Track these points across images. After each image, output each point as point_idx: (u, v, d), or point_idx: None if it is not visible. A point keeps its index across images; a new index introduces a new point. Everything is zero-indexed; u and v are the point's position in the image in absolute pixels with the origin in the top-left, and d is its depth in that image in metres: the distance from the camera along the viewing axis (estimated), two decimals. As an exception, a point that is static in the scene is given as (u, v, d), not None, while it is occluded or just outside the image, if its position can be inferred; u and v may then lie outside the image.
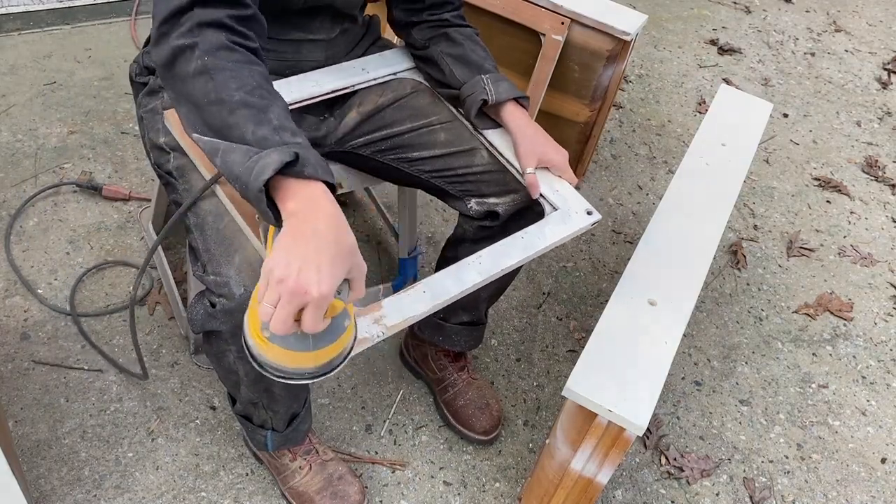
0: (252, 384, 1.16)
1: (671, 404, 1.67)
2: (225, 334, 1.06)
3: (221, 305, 1.02)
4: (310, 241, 0.77)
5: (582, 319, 1.82)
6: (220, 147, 0.84)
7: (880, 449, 1.66)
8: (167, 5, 0.86)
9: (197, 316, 1.07)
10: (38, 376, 1.49)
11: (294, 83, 1.22)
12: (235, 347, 1.08)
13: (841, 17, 3.43)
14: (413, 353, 1.60)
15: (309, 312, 0.75)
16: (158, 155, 1.17)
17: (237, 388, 1.19)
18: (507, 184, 1.21)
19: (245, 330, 0.82)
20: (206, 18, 0.86)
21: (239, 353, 1.09)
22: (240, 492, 1.38)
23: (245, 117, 0.83)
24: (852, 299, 2.01)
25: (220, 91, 0.83)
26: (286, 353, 0.79)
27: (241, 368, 1.12)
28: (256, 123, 0.83)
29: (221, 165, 0.84)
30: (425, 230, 1.98)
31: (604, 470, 1.13)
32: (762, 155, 2.48)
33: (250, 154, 0.81)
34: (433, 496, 1.43)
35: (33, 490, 1.32)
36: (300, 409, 1.28)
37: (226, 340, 1.08)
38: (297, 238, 0.78)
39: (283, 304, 0.75)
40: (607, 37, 1.82)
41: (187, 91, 0.86)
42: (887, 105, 2.86)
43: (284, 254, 0.77)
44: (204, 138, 0.86)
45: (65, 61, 2.26)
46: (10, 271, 1.66)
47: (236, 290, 1.00)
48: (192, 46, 0.85)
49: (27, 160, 1.92)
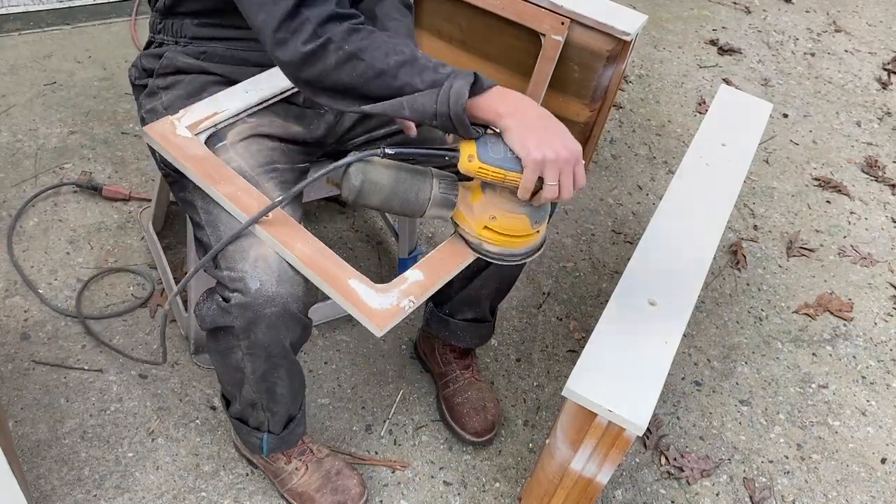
0: (257, 382, 1.14)
1: (671, 404, 1.67)
2: (237, 330, 1.05)
3: (236, 300, 1.01)
4: (541, 124, 0.94)
5: (582, 319, 1.82)
6: (402, 103, 0.95)
7: (880, 449, 1.66)
8: (273, 13, 0.95)
9: (207, 312, 1.07)
10: (38, 376, 1.49)
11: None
12: (246, 343, 1.07)
13: (841, 18, 3.43)
14: (423, 346, 1.61)
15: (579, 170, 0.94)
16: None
17: (239, 387, 1.18)
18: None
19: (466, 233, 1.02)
20: (322, 16, 0.95)
21: (249, 350, 1.08)
22: (240, 492, 1.38)
23: (407, 74, 0.95)
24: (852, 299, 2.01)
25: (376, 65, 0.95)
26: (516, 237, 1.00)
27: (248, 365, 1.11)
28: (419, 73, 0.95)
29: (412, 114, 0.95)
30: (425, 230, 1.98)
31: (604, 470, 1.13)
32: (762, 155, 2.48)
33: (434, 94, 0.93)
34: (433, 496, 1.43)
35: (33, 490, 1.32)
36: (297, 411, 1.28)
37: (236, 336, 1.06)
38: (530, 127, 0.93)
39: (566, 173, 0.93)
40: (607, 37, 1.82)
41: (335, 80, 0.96)
42: (887, 105, 2.86)
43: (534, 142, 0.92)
44: (378, 105, 0.96)
45: (65, 61, 2.26)
46: (10, 271, 1.66)
47: (252, 284, 1.00)
48: (324, 45, 0.95)
49: (27, 160, 1.92)
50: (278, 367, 1.13)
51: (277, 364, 1.12)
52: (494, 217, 0.99)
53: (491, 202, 1.00)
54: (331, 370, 1.60)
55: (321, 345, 1.64)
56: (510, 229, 1.00)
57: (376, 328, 0.95)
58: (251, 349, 1.08)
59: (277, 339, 1.07)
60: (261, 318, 1.02)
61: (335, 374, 1.60)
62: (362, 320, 0.96)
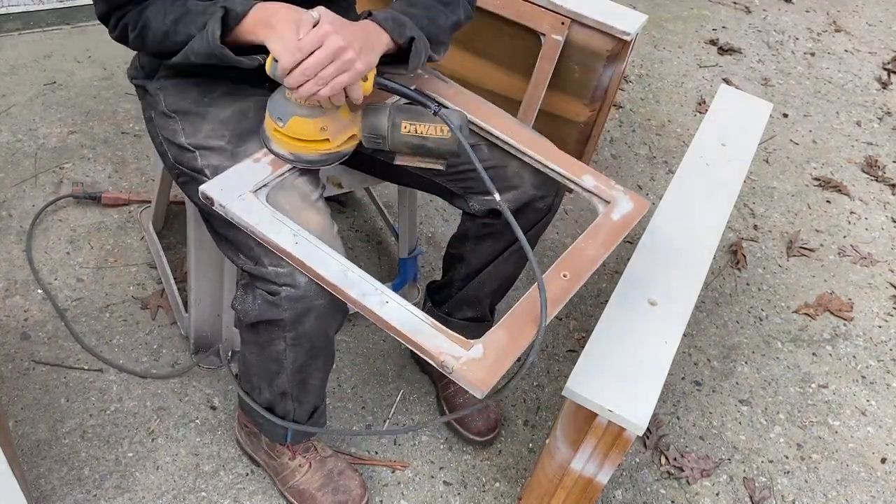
0: (294, 373, 1.17)
1: (671, 404, 1.67)
2: (285, 322, 1.08)
3: (287, 293, 1.04)
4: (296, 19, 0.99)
5: (582, 319, 1.82)
6: (188, 53, 1.05)
7: (880, 449, 1.66)
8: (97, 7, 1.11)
9: (252, 307, 1.09)
10: (38, 376, 1.49)
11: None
12: (292, 334, 1.10)
13: (841, 17, 3.43)
14: None
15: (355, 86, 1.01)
16: (182, 154, 1.16)
17: (272, 378, 1.19)
18: (509, 180, 1.21)
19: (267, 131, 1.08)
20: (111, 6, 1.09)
21: (294, 341, 1.11)
22: (240, 492, 1.38)
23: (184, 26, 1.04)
24: (852, 299, 2.01)
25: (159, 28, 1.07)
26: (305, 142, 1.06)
27: (290, 356, 1.14)
28: (193, 22, 1.04)
29: (198, 60, 1.05)
30: (425, 230, 1.98)
31: (604, 470, 1.13)
32: (762, 155, 2.48)
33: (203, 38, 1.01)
34: (433, 496, 1.43)
35: (33, 490, 1.32)
36: (321, 402, 1.29)
37: (283, 328, 1.09)
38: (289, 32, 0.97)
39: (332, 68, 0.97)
40: (607, 37, 1.82)
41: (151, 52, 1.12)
42: (887, 105, 2.86)
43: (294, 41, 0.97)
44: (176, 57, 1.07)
45: (65, 61, 2.26)
46: (10, 271, 1.66)
47: (300, 279, 1.03)
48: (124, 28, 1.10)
49: (27, 160, 1.92)
50: (317, 357, 1.17)
51: (317, 354, 1.16)
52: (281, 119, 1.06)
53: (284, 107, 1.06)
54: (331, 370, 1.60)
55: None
56: (298, 133, 1.06)
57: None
58: (296, 340, 1.11)
59: (324, 330, 1.11)
60: (312, 310, 1.06)
61: (335, 374, 1.60)
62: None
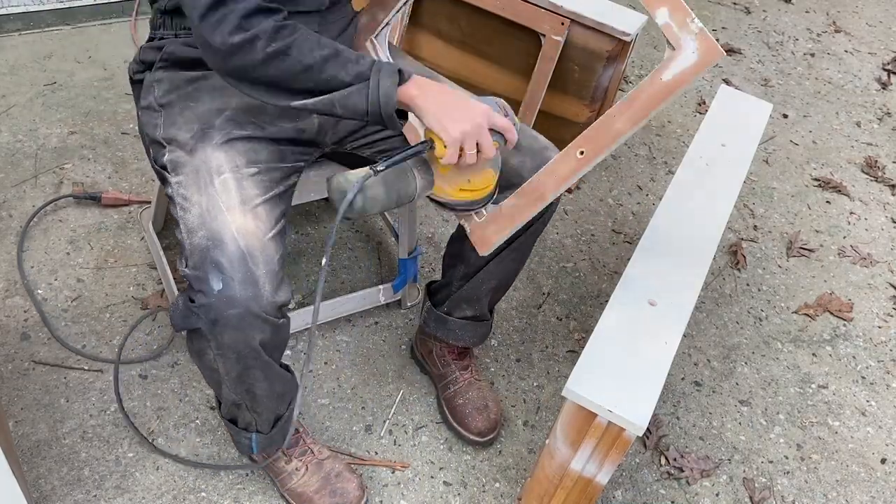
0: (234, 382, 1.13)
1: (671, 404, 1.67)
2: (203, 331, 1.04)
3: (200, 301, 1.01)
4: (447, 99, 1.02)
5: (582, 319, 1.82)
6: (333, 101, 1.01)
7: (880, 449, 1.66)
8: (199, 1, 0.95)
9: (175, 313, 1.06)
10: (38, 376, 1.49)
11: None
12: (214, 344, 1.05)
13: (841, 18, 3.43)
14: (420, 349, 1.61)
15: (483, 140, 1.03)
16: (156, 149, 1.17)
17: (220, 387, 1.17)
18: (508, 179, 1.21)
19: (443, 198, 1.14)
20: (248, 9, 0.95)
21: (218, 350, 1.06)
22: (240, 492, 1.38)
23: (333, 67, 0.99)
24: (852, 299, 2.01)
25: (303, 60, 0.98)
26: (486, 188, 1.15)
27: (221, 366, 1.10)
28: (343, 66, 1.00)
29: (343, 112, 1.02)
30: (425, 230, 1.98)
31: (604, 470, 1.13)
32: (762, 155, 2.48)
33: (364, 93, 1.00)
34: (433, 496, 1.43)
35: (33, 490, 1.32)
36: (284, 410, 1.26)
37: (205, 337, 1.05)
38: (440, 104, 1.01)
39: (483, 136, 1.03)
40: (607, 37, 1.82)
41: (261, 75, 0.99)
42: (887, 105, 2.86)
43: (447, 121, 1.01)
44: (310, 101, 1.01)
45: (65, 61, 2.26)
46: (10, 271, 1.66)
47: (214, 285, 0.99)
48: (252, 39, 0.96)
49: (27, 160, 1.92)
50: (251, 368, 1.11)
51: (250, 365, 1.10)
52: (469, 180, 1.12)
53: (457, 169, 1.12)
54: (331, 370, 1.60)
55: (321, 345, 1.64)
56: (482, 184, 1.14)
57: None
58: (220, 350, 1.06)
59: (244, 341, 1.05)
60: (223, 320, 1.01)
61: (335, 374, 1.60)
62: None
